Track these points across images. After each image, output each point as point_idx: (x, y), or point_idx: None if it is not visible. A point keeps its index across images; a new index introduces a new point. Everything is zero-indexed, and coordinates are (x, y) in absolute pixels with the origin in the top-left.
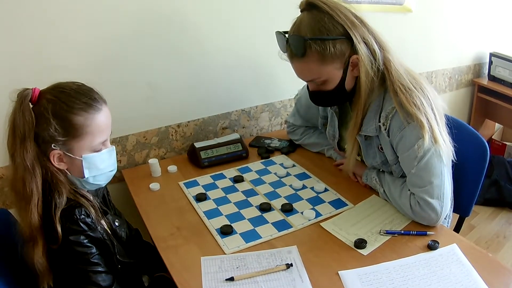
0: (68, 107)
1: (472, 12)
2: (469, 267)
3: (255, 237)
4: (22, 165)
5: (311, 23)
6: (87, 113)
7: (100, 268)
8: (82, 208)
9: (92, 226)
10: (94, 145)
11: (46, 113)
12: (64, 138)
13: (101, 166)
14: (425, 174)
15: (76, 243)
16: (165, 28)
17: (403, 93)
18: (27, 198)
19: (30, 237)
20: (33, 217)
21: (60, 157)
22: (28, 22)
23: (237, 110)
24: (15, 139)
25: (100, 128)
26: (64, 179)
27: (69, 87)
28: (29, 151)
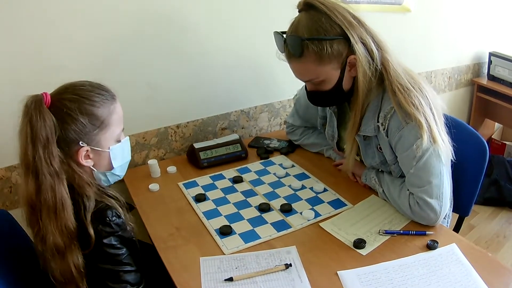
0: (91, 101)
1: (471, 11)
2: (468, 266)
3: (254, 238)
4: (48, 172)
5: (309, 23)
6: (108, 104)
7: (130, 268)
8: (113, 209)
9: (123, 227)
10: (117, 134)
11: (71, 112)
12: (93, 132)
13: (124, 155)
14: (424, 174)
15: (109, 245)
16: (165, 29)
17: (401, 93)
18: (58, 206)
19: (64, 246)
20: (67, 224)
21: (87, 153)
22: (28, 22)
23: (236, 110)
24: (36, 146)
25: (120, 117)
26: (89, 179)
27: (82, 84)
28: (55, 155)
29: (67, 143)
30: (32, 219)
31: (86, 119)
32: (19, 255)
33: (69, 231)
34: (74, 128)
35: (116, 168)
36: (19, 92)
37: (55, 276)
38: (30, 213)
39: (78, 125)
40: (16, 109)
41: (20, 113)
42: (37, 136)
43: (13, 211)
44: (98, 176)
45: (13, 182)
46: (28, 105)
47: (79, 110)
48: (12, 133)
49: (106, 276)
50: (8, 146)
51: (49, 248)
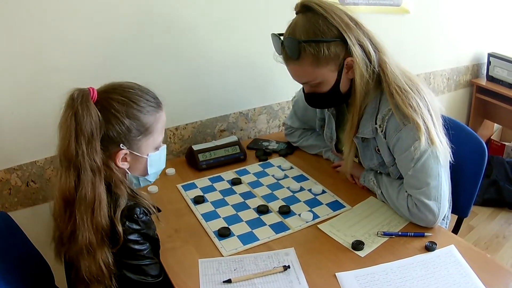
0: (139, 107)
1: (470, 12)
2: (467, 268)
3: (252, 239)
4: (91, 167)
5: (306, 25)
6: (155, 112)
7: (151, 261)
8: (141, 207)
9: (148, 225)
10: (158, 142)
11: (117, 114)
12: (136, 138)
13: (159, 163)
14: (422, 176)
15: (133, 241)
16: (164, 31)
17: (399, 95)
18: (96, 202)
19: (96, 243)
20: (101, 221)
21: (125, 156)
22: (28, 23)
23: (235, 112)
24: (79, 141)
25: (163, 126)
26: (122, 178)
27: (131, 87)
28: (98, 151)
29: (108, 142)
30: (63, 214)
31: (132, 123)
32: (18, 257)
33: (102, 229)
34: (118, 130)
35: (150, 174)
36: (18, 93)
37: (84, 273)
38: (62, 208)
39: (122, 127)
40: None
41: (62, 105)
42: (81, 130)
43: (12, 213)
44: (131, 179)
45: (12, 184)
46: (75, 98)
47: (126, 114)
48: (11, 134)
49: (128, 269)
50: (7, 148)
51: (82, 244)
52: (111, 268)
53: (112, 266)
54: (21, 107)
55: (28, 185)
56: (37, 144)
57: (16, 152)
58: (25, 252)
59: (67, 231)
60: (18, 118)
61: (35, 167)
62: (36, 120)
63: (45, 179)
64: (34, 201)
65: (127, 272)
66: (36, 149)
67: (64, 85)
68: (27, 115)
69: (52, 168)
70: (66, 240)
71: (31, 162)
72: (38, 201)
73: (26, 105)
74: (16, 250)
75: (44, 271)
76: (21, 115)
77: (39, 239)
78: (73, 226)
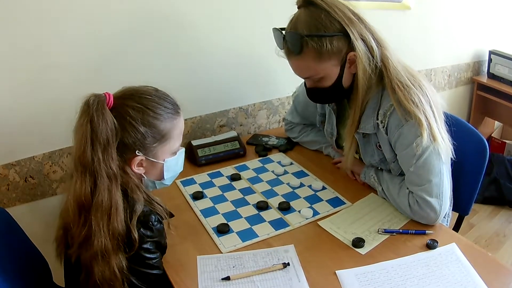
0: (156, 114)
1: (471, 9)
2: (468, 266)
3: (252, 236)
4: (107, 174)
5: (308, 19)
6: (172, 119)
7: (158, 271)
8: (156, 214)
9: (161, 232)
10: (175, 148)
11: (133, 121)
12: (152, 145)
13: (176, 168)
14: (423, 172)
15: (145, 250)
16: (163, 26)
17: (401, 91)
18: (112, 209)
19: (111, 249)
20: (118, 227)
21: (140, 162)
22: (26, 20)
23: (235, 107)
24: (95, 147)
25: (181, 131)
26: (139, 183)
27: (149, 93)
28: (114, 158)
29: (124, 149)
30: (77, 219)
31: (148, 131)
32: (16, 253)
33: (119, 234)
34: (134, 137)
35: (167, 179)
36: (16, 89)
37: (97, 278)
38: (77, 213)
39: (138, 135)
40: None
41: (77, 110)
42: (97, 137)
43: (10, 209)
44: (147, 182)
45: (10, 180)
46: (90, 104)
47: (142, 121)
48: (9, 130)
49: (135, 274)
50: (5, 143)
51: (98, 250)
52: (124, 273)
53: (126, 271)
54: (19, 103)
55: (27, 181)
56: (35, 139)
57: (14, 147)
58: (23, 248)
59: (81, 236)
60: (16, 113)
61: (34, 163)
62: (34, 116)
63: (43, 175)
64: (32, 197)
65: (133, 278)
66: (34, 144)
67: (63, 82)
68: (25, 111)
69: (51, 163)
70: (77, 245)
71: (29, 157)
72: (36, 196)
73: (24, 101)
74: (14, 246)
75: (42, 268)
76: (19, 111)
77: (37, 235)
78: (88, 231)
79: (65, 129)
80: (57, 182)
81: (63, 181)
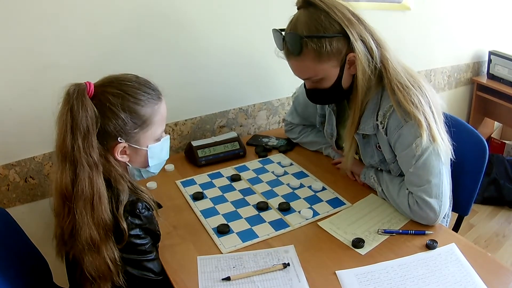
0: (136, 100)
1: (471, 10)
2: (467, 266)
3: (252, 236)
4: (87, 162)
5: (308, 20)
6: (153, 104)
7: (152, 256)
8: (143, 202)
9: (150, 219)
10: (158, 134)
11: (113, 107)
12: (133, 131)
13: (161, 155)
14: (423, 173)
15: (134, 236)
16: (163, 26)
17: (400, 91)
18: (95, 198)
19: (99, 239)
20: (103, 217)
21: (124, 149)
22: (25, 18)
23: (235, 108)
24: (75, 136)
25: (163, 117)
26: (123, 173)
27: (129, 79)
28: (94, 146)
29: (105, 137)
30: (62, 210)
31: (128, 116)
32: (16, 253)
33: (105, 224)
34: (115, 124)
35: (152, 166)
36: (16, 88)
37: (89, 271)
38: (60, 204)
39: (119, 121)
40: (13, 106)
41: (60, 100)
42: (77, 125)
43: (10, 209)
44: (132, 171)
45: (10, 180)
46: (70, 93)
47: (122, 107)
48: (9, 130)
49: (130, 264)
50: (5, 143)
51: (84, 241)
52: (118, 264)
53: (119, 262)
54: (19, 103)
55: (27, 181)
56: (35, 140)
57: (15, 147)
58: (23, 248)
59: (67, 227)
60: (17, 113)
61: (34, 163)
62: (34, 116)
63: (44, 175)
64: (33, 197)
65: (130, 268)
66: (35, 144)
67: (62, 81)
68: (25, 111)
69: (51, 164)
70: (67, 237)
71: (29, 158)
72: (37, 197)
73: (25, 101)
74: (14, 246)
75: (42, 268)
76: (19, 111)
77: (38, 236)
78: (72, 221)
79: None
80: (51, 182)
81: None
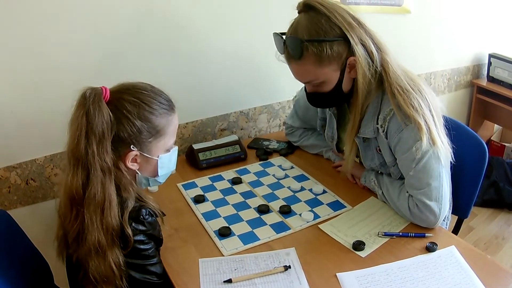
0: (151, 109)
1: (471, 13)
2: (467, 269)
3: (253, 239)
4: (101, 167)
5: (308, 24)
6: (167, 115)
7: (155, 260)
8: (147, 208)
9: (154, 225)
10: (170, 145)
11: (129, 115)
12: (147, 140)
13: (169, 165)
14: (423, 176)
15: (138, 242)
16: (165, 29)
17: (400, 95)
18: (106, 203)
19: (106, 244)
20: (112, 222)
21: (135, 157)
22: (28, 22)
23: (236, 111)
24: (90, 140)
25: (175, 128)
26: (131, 180)
27: (144, 88)
28: (108, 151)
29: (118, 143)
30: (69, 213)
31: (143, 125)
32: (17, 255)
33: (113, 229)
34: (129, 131)
35: (160, 176)
36: (18, 91)
37: (93, 275)
38: (68, 206)
39: (133, 129)
40: (14, 108)
41: (73, 103)
42: (92, 129)
43: (11, 211)
44: (141, 179)
45: (11, 182)
46: (87, 96)
47: (138, 115)
48: (11, 132)
49: (133, 268)
50: (7, 145)
51: (91, 245)
52: (122, 269)
53: (123, 266)
54: (21, 105)
55: (28, 183)
56: (37, 142)
57: (16, 150)
58: (24, 250)
59: (73, 231)
60: (18, 116)
61: (35, 165)
62: (36, 118)
63: (45, 178)
64: (34, 200)
65: (133, 272)
66: (36, 147)
67: (64, 83)
68: (27, 113)
69: (52, 166)
70: (72, 240)
71: (30, 160)
72: (38, 199)
73: (26, 103)
74: (15, 248)
75: (43, 270)
76: (21, 113)
77: (39, 238)
78: (80, 225)
79: (67, 132)
80: (59, 185)
81: None
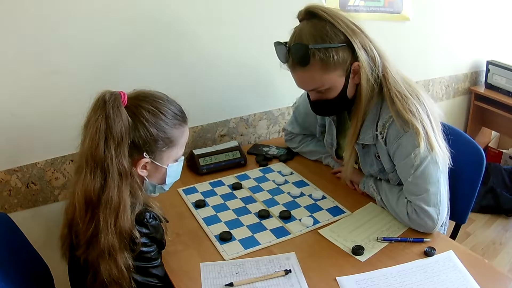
0: (167, 119)
1: (469, 20)
2: (465, 273)
3: (254, 244)
4: (118, 171)
5: (313, 31)
6: (181, 126)
7: (157, 262)
8: (151, 212)
9: (157, 229)
10: (179, 155)
11: (146, 123)
12: (161, 149)
13: (176, 174)
14: (421, 182)
15: (141, 244)
16: (165, 36)
17: (399, 100)
18: (121, 206)
19: (118, 247)
20: (125, 226)
21: (145, 164)
22: (29, 26)
23: (236, 117)
24: (108, 143)
25: (186, 140)
26: (140, 185)
27: (160, 98)
28: (126, 155)
29: (132, 149)
30: (84, 215)
31: (159, 134)
32: (18, 259)
33: (126, 233)
34: (144, 139)
35: (168, 184)
36: (19, 94)
37: (105, 277)
38: (84, 209)
39: (150, 137)
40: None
41: (83, 113)
42: (111, 133)
43: (12, 215)
44: (148, 186)
45: (12, 185)
46: (106, 100)
47: (155, 124)
48: (12, 135)
49: (136, 271)
50: (7, 149)
51: (105, 247)
52: (131, 271)
53: (132, 269)
54: (21, 109)
55: (28, 187)
56: (37, 145)
57: (17, 153)
58: (24, 254)
59: (88, 233)
60: (19, 119)
61: (36, 169)
62: (36, 122)
63: (46, 181)
64: (34, 203)
65: (135, 274)
66: (37, 150)
67: (65, 88)
68: (27, 117)
69: (53, 170)
70: (83, 242)
71: (31, 163)
72: (38, 203)
73: (27, 107)
74: (16, 251)
75: (43, 273)
76: (22, 117)
77: (39, 241)
78: (95, 228)
79: (68, 136)
80: (59, 188)
81: (65, 187)
